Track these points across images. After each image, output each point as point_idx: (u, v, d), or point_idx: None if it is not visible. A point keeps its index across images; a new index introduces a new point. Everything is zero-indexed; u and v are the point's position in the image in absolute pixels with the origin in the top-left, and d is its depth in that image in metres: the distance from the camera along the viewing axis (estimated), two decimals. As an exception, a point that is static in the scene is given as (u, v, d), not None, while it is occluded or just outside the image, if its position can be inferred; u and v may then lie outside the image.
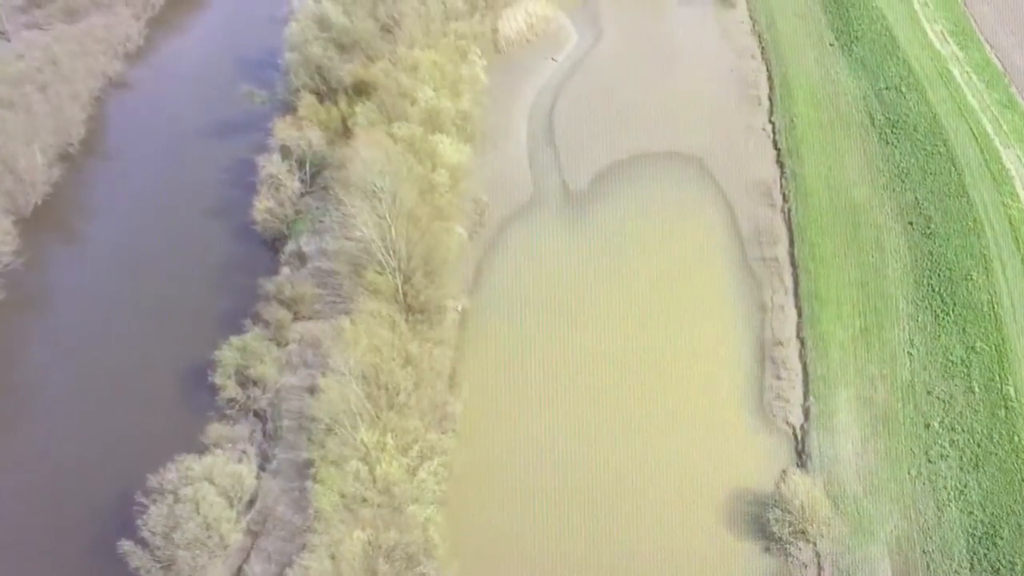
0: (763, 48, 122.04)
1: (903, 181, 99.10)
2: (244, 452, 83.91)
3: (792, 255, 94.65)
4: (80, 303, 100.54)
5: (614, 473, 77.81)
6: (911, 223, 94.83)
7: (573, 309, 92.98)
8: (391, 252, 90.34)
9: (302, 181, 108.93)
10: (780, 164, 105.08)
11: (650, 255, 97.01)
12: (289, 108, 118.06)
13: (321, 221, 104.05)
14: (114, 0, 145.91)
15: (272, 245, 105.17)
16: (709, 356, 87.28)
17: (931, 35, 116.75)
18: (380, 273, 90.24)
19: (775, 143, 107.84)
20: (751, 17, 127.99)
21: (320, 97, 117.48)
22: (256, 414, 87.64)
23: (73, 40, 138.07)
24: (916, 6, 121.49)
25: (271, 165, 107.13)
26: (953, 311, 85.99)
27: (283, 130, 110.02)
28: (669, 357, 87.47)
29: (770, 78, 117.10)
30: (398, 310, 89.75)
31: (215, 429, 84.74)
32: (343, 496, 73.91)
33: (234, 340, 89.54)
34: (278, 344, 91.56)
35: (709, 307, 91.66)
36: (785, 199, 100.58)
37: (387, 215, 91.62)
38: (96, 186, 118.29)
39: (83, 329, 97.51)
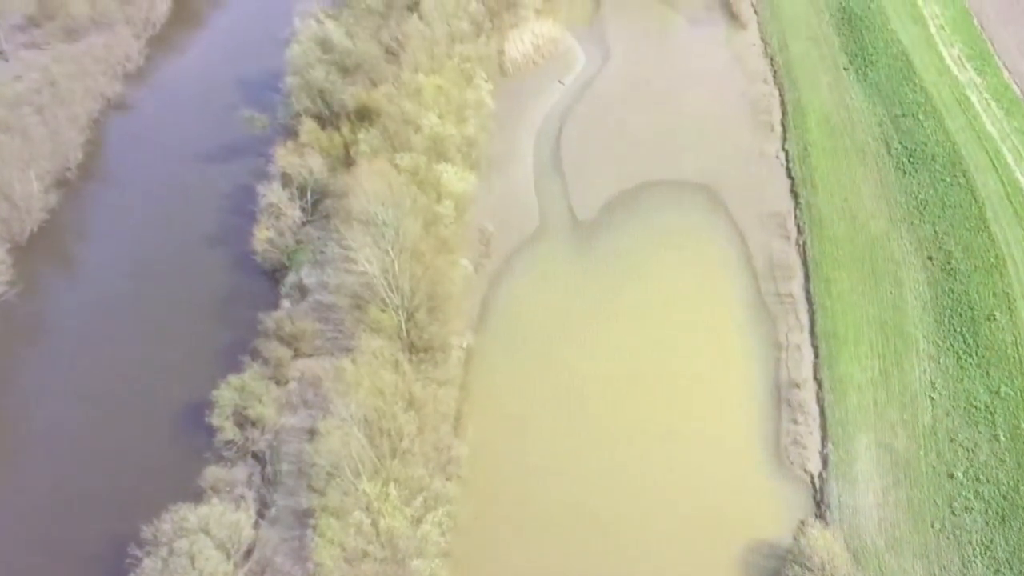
0: (775, 72, 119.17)
1: (921, 213, 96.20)
2: (242, 497, 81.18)
3: (808, 290, 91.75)
4: (74, 336, 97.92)
5: (624, 523, 74.92)
6: (930, 258, 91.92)
7: (581, 346, 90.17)
8: (394, 289, 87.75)
9: (303, 210, 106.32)
10: (794, 194, 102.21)
11: (660, 289, 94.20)
12: (290, 132, 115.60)
13: (323, 252, 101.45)
14: (114, 19, 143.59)
15: (272, 276, 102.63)
16: (723, 397, 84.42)
17: (948, 59, 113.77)
18: (383, 310, 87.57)
19: (788, 171, 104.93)
20: (762, 39, 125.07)
21: (322, 121, 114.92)
22: (255, 456, 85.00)
23: (72, 60, 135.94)
24: (932, 29, 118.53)
25: (271, 193, 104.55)
26: (976, 353, 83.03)
27: (284, 157, 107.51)
28: (681, 397, 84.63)
29: (783, 103, 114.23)
30: (401, 349, 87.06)
31: (212, 472, 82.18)
32: (344, 550, 71.12)
33: (232, 379, 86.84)
34: (277, 383, 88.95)
35: (722, 345, 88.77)
36: (800, 231, 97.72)
37: (390, 249, 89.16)
38: (93, 212, 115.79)
39: (77, 363, 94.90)
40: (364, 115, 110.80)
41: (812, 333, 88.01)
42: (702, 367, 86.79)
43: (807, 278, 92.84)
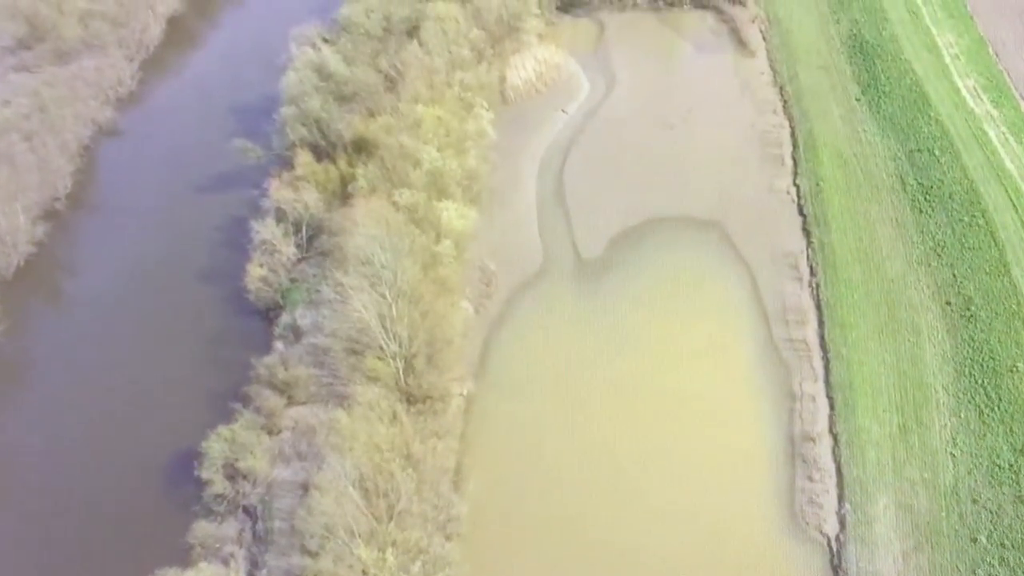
0: (785, 102, 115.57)
1: (939, 255, 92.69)
2: (231, 556, 78.08)
3: (822, 337, 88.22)
4: (59, 378, 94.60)
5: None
6: (949, 303, 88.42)
7: (585, 394, 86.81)
8: (391, 335, 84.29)
9: (298, 246, 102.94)
10: (806, 232, 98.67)
11: (668, 334, 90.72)
12: (286, 162, 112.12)
13: (318, 291, 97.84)
14: (106, 41, 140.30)
15: (265, 315, 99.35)
16: (734, 451, 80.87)
17: (964, 91, 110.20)
18: (379, 358, 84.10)
19: (800, 209, 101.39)
20: (772, 67, 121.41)
21: (318, 152, 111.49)
22: (246, 511, 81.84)
23: (63, 84, 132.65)
24: (947, 59, 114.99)
25: (265, 229, 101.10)
26: (999, 407, 79.53)
27: (278, 191, 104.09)
28: (689, 451, 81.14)
29: (793, 135, 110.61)
30: (398, 399, 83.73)
31: (201, 527, 79.19)
32: (338, 621, 67.63)
33: (222, 430, 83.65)
34: (270, 432, 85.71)
35: (733, 394, 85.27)
36: (813, 273, 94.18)
37: (387, 293, 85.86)
38: (82, 245, 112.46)
39: (61, 407, 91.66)
40: (361, 147, 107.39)
41: (827, 383, 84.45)
42: (712, 418, 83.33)
43: (821, 323, 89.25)
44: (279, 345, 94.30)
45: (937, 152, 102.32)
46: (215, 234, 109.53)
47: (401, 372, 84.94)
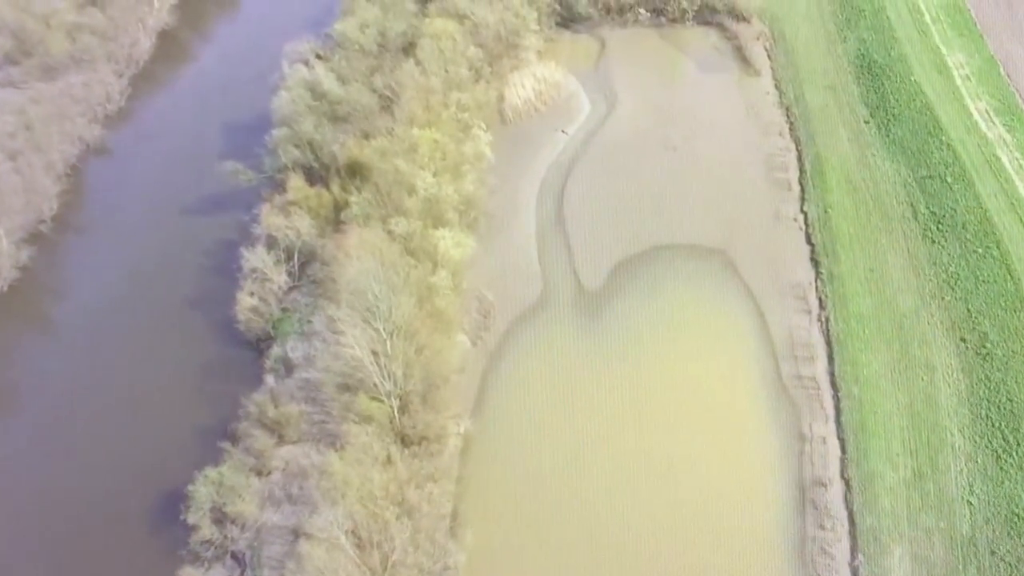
0: (791, 124, 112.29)
1: (953, 288, 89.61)
2: (219, 606, 74.86)
3: (832, 374, 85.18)
4: (41, 414, 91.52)
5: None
6: (963, 340, 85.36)
7: (586, 434, 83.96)
8: (386, 374, 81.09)
9: (289, 274, 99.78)
10: (814, 262, 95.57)
11: (672, 369, 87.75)
12: (278, 185, 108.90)
13: (310, 321, 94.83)
14: (95, 56, 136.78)
15: (256, 346, 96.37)
16: (741, 495, 77.90)
17: (975, 114, 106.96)
18: (373, 398, 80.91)
19: (808, 237, 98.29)
20: (777, 87, 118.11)
21: (311, 175, 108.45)
22: (234, 556, 79.23)
23: (50, 101, 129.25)
24: (957, 80, 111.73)
25: (255, 258, 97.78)
26: (1017, 451, 76.57)
27: (270, 218, 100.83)
28: (696, 495, 78.24)
29: (800, 159, 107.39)
30: (393, 440, 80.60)
31: (187, 575, 75.76)
32: None
33: (210, 472, 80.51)
34: (259, 474, 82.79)
35: (740, 434, 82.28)
36: (822, 305, 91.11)
37: (382, 329, 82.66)
38: (68, 270, 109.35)
39: (44, 445, 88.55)
40: (355, 170, 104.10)
41: (838, 424, 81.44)
42: (718, 460, 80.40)
43: (831, 360, 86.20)
44: (270, 379, 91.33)
45: (949, 179, 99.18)
46: (205, 259, 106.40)
47: (396, 411, 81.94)
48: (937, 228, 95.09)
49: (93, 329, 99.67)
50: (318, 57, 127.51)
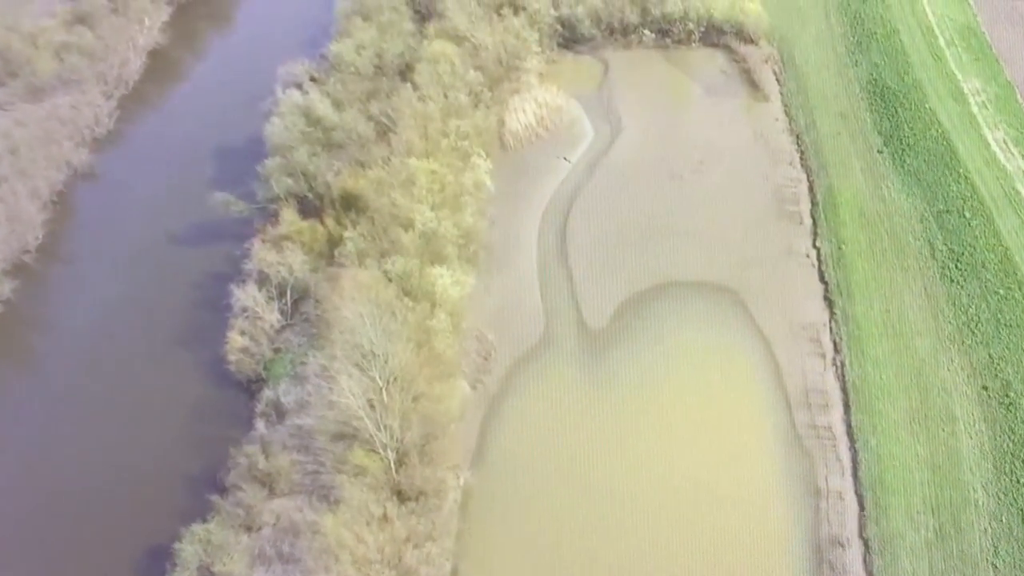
0: (802, 152, 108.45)
1: (973, 332, 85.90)
2: (205, 675, 71.04)
3: (849, 424, 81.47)
4: (20, 457, 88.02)
5: None
6: (985, 388, 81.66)
7: (590, 484, 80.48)
8: (382, 426, 77.28)
9: (282, 312, 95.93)
10: (828, 302, 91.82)
11: (680, 416, 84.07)
12: (271, 215, 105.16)
13: (303, 363, 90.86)
14: (83, 76, 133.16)
15: (247, 387, 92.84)
16: (754, 555, 74.25)
17: (993, 144, 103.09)
18: (369, 451, 77.18)
19: (821, 274, 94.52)
20: (786, 113, 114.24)
21: (304, 206, 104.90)
22: (222, 620, 74.72)
23: (36, 124, 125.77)
24: (974, 108, 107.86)
25: (246, 296, 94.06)
26: (1044, 512, 72.79)
27: (262, 253, 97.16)
28: (705, 553, 74.54)
29: (811, 190, 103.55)
30: (389, 496, 76.84)
31: (173, 640, 72.44)
32: None
33: (197, 529, 76.86)
34: (248, 529, 78.91)
35: (752, 488, 78.55)
36: (836, 348, 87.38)
37: (377, 378, 79.08)
38: (53, 304, 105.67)
39: (21, 493, 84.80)
40: (351, 203, 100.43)
41: (855, 478, 77.72)
42: (729, 515, 76.74)
43: (847, 408, 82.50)
44: (260, 425, 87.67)
45: (968, 214, 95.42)
46: (195, 293, 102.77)
47: (392, 464, 78.14)
48: (955, 266, 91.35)
49: (77, 369, 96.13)
50: (313, 80, 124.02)
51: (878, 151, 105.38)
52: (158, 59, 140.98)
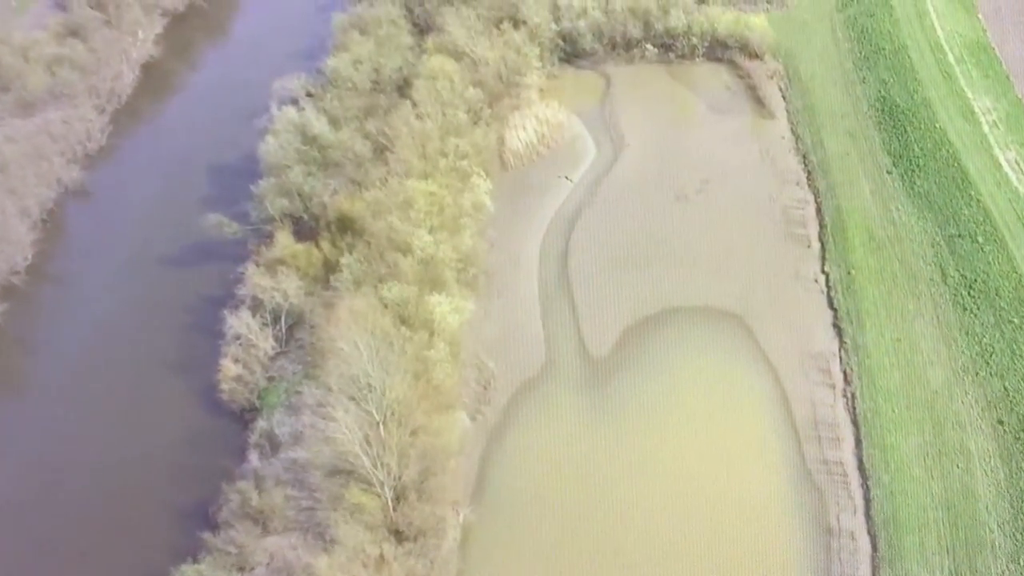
0: (809, 172, 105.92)
1: (987, 363, 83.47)
2: None
3: (860, 459, 78.96)
4: (6, 492, 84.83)
5: None
6: (1001, 422, 79.22)
7: (593, 519, 78.06)
8: (379, 464, 74.73)
9: (276, 339, 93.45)
10: (838, 329, 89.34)
11: (686, 451, 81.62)
12: (265, 235, 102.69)
13: (298, 392, 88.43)
14: (75, 90, 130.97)
15: (240, 417, 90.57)
16: (763, 597, 71.60)
17: (1006, 166, 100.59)
18: (365, 490, 74.61)
19: (830, 300, 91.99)
20: (793, 132, 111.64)
21: (300, 226, 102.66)
22: (213, 665, 72.22)
23: (26, 139, 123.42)
24: (985, 127, 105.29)
25: (240, 323, 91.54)
26: (1064, 553, 70.31)
27: (255, 279, 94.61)
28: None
29: (819, 212, 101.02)
30: (387, 535, 74.22)
31: None
32: None
33: (187, 570, 74.33)
34: (241, 569, 76.42)
35: (760, 525, 76.02)
36: (847, 379, 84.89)
37: (374, 412, 76.60)
38: (42, 328, 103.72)
39: (6, 530, 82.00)
40: (347, 225, 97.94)
41: (868, 516, 75.25)
42: (737, 555, 74.20)
43: (858, 443, 79.94)
44: (254, 457, 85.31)
45: (980, 239, 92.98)
46: (187, 317, 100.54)
47: (390, 503, 75.61)
48: (968, 294, 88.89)
49: (65, 398, 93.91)
50: (309, 95, 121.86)
51: (887, 172, 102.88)
52: (152, 72, 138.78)
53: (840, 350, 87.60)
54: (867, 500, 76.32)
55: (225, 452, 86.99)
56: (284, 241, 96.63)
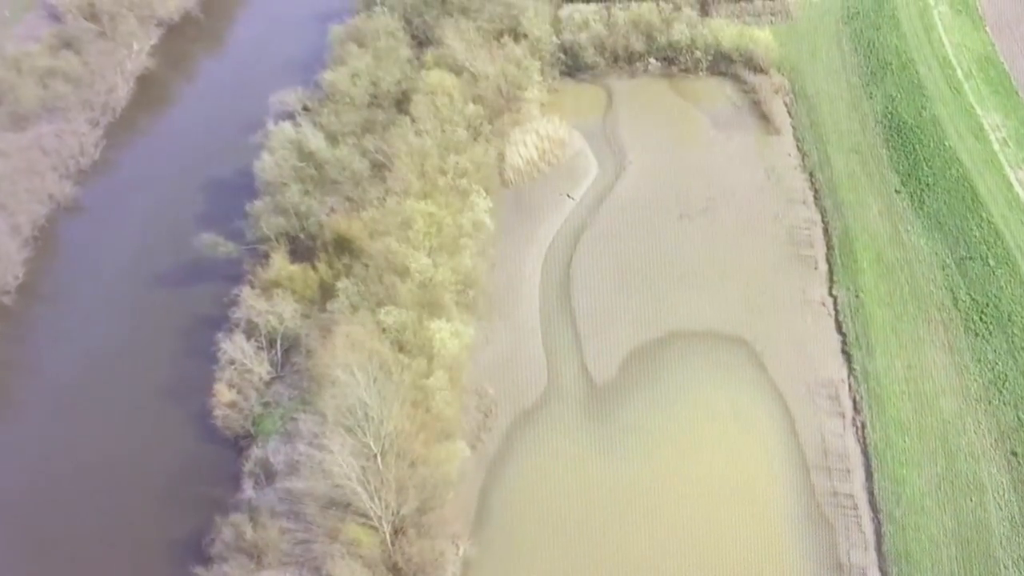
0: (816, 191, 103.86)
1: (1000, 391, 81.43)
2: None
3: (871, 492, 76.84)
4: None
5: None
6: (1015, 454, 77.21)
7: (597, 552, 75.80)
8: (377, 497, 72.60)
9: (272, 363, 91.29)
10: (846, 355, 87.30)
11: (692, 481, 79.50)
12: (261, 255, 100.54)
13: (293, 419, 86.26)
14: (68, 103, 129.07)
15: (234, 444, 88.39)
16: (772, 637, 69.50)
17: (1016, 186, 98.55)
18: (363, 524, 72.48)
19: (838, 325, 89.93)
20: (799, 149, 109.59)
21: (296, 246, 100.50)
22: None
23: (18, 154, 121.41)
24: (995, 146, 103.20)
25: (234, 347, 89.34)
26: (1081, 593, 68.25)
27: (250, 301, 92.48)
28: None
29: (827, 233, 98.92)
30: (384, 573, 72.29)
31: None
32: None
33: (179, 610, 72.22)
34: (235, 606, 73.91)
35: (768, 562, 73.86)
36: (856, 408, 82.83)
37: (372, 444, 74.40)
38: (30, 350, 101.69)
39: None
40: (344, 246, 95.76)
41: (879, 552, 73.17)
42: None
43: (869, 475, 77.82)
44: (248, 487, 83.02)
45: (992, 262, 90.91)
46: (180, 340, 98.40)
47: (388, 537, 73.51)
48: (980, 319, 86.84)
49: (54, 422, 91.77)
50: (305, 109, 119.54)
51: (896, 191, 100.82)
52: (147, 85, 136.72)
53: (849, 377, 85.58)
54: (879, 535, 74.28)
55: (218, 481, 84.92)
56: (280, 262, 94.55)
